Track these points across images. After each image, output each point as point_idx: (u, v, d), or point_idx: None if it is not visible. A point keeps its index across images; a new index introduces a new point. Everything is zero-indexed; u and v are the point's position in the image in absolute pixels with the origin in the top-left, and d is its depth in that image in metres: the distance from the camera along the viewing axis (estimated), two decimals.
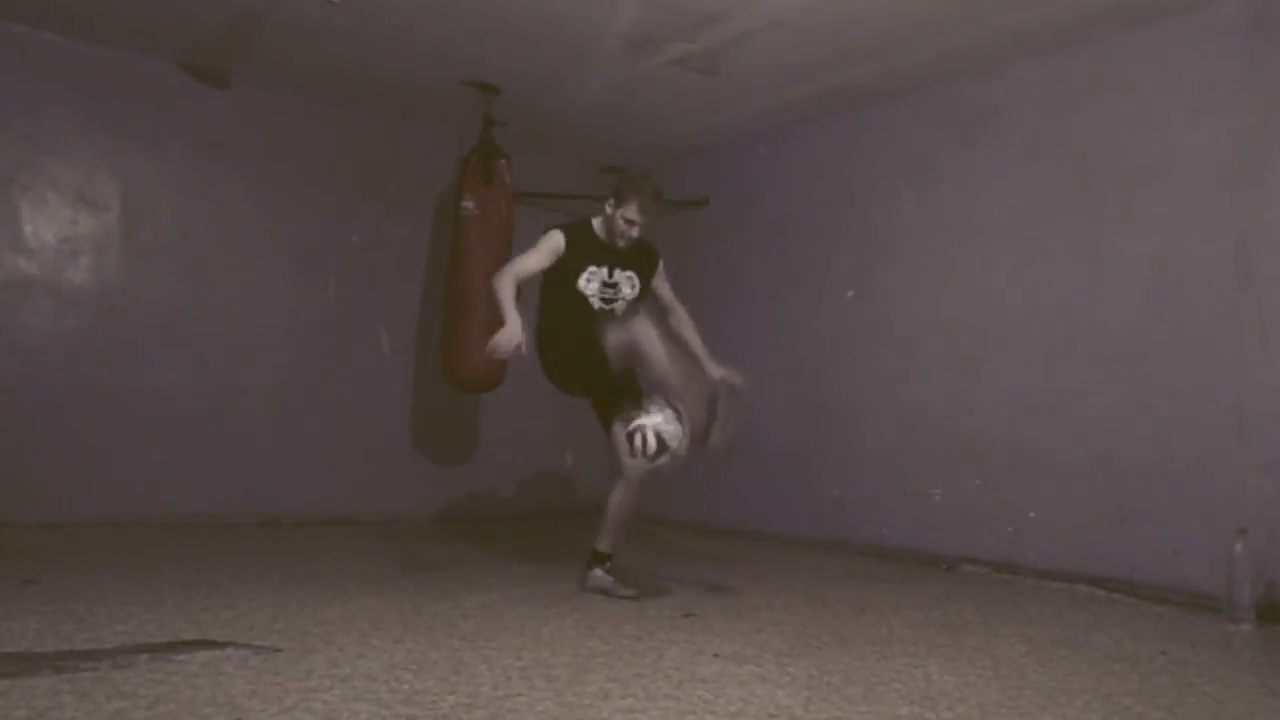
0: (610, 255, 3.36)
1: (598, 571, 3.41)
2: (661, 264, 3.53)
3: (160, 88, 4.76)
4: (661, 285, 3.54)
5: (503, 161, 5.00)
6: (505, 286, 3.18)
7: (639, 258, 3.43)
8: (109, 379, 4.60)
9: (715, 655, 2.47)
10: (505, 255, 4.31)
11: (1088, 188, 4.00)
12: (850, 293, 4.94)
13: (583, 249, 3.33)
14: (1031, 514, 4.06)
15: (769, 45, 4.23)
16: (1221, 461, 3.50)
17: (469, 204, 4.88)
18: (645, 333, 3.07)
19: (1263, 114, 3.51)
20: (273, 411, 5.03)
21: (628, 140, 5.71)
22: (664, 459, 3.05)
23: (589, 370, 3.27)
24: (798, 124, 5.22)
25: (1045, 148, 4.17)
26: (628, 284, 3.40)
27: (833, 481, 4.90)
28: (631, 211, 3.27)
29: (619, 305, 3.38)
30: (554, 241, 3.30)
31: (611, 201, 3.34)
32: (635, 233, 3.31)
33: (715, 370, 3.40)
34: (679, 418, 3.05)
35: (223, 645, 2.34)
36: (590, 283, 3.33)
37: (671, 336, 3.36)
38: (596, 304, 3.35)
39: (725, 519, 5.38)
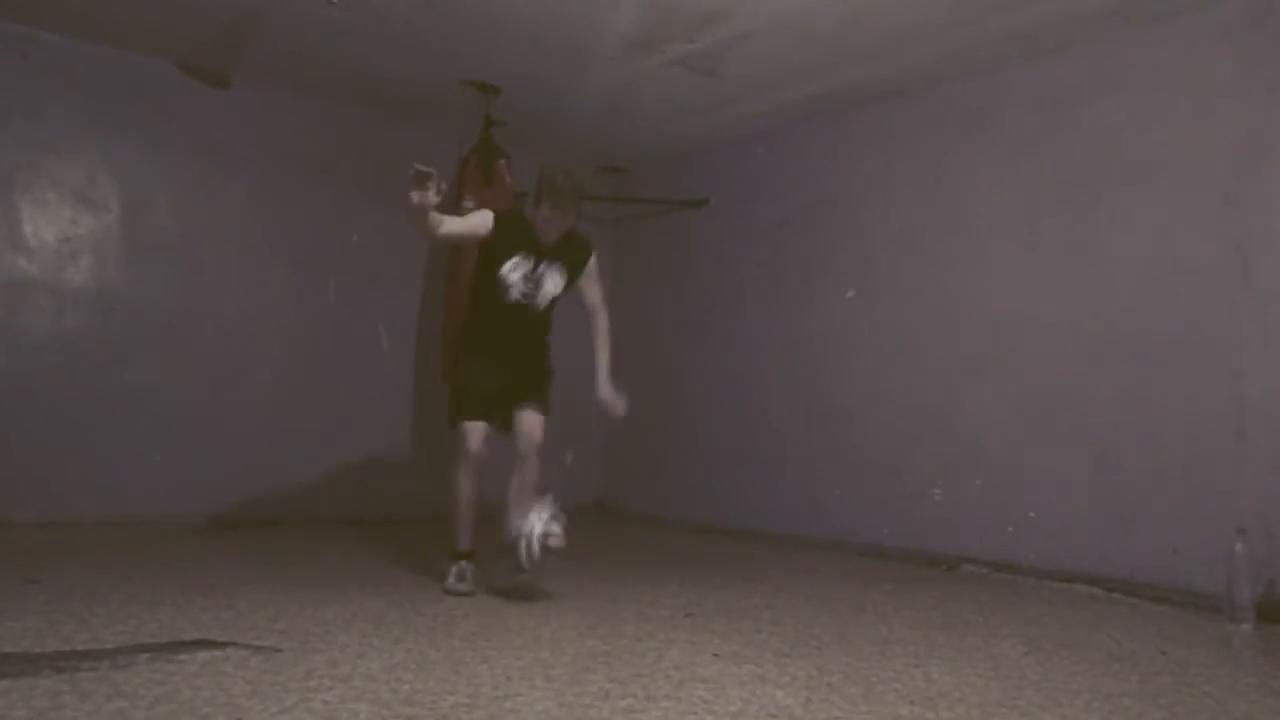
0: (539, 248, 3.34)
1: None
2: (594, 263, 3.48)
3: (160, 88, 4.76)
4: (590, 286, 3.49)
5: (503, 161, 5.00)
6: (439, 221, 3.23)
7: (569, 254, 3.41)
8: (109, 379, 4.60)
9: (715, 655, 2.47)
10: None
11: (1088, 188, 4.00)
12: (850, 293, 4.94)
13: (511, 235, 3.32)
14: (1031, 514, 4.06)
15: (769, 45, 4.23)
16: (1221, 461, 3.50)
17: (469, 204, 4.88)
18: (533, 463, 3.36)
19: (1262, 114, 3.51)
20: (273, 411, 5.03)
21: (628, 140, 5.70)
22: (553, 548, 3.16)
23: (493, 367, 3.38)
24: (798, 124, 5.22)
25: (1045, 148, 4.16)
26: (551, 280, 3.37)
27: (833, 481, 4.90)
28: (545, 211, 3.27)
29: (539, 300, 3.37)
30: (483, 216, 3.33)
31: (533, 200, 3.34)
32: (554, 231, 3.30)
33: (604, 390, 3.45)
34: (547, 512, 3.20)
35: (223, 645, 2.34)
36: (514, 271, 3.32)
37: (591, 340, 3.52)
38: (515, 294, 3.33)
39: (725, 519, 5.38)
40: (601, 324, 3.53)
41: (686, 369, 5.78)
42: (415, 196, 3.02)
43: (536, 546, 3.13)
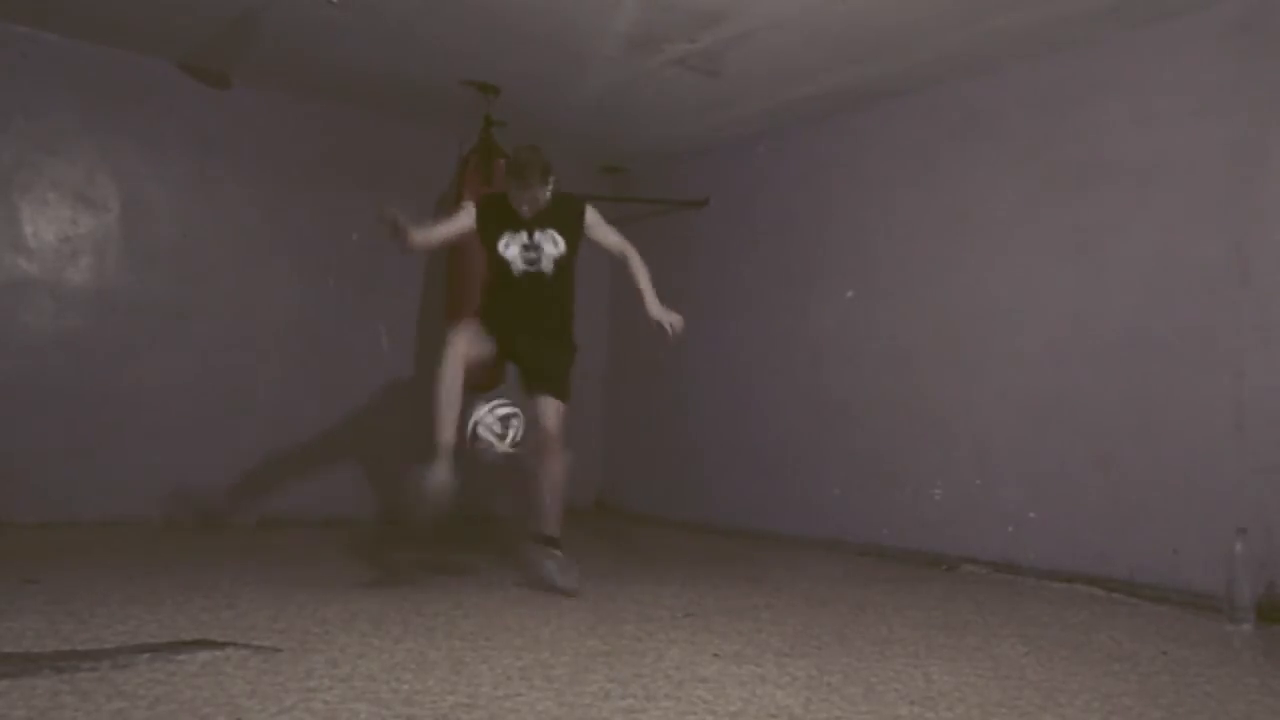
0: (525, 221, 3.40)
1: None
2: (592, 214, 3.50)
3: (160, 88, 4.77)
4: (601, 233, 3.53)
5: (503, 161, 4.99)
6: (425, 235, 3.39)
7: (560, 215, 3.45)
8: (109, 379, 4.60)
9: (715, 655, 2.47)
10: None
11: (1087, 188, 4.00)
12: (850, 293, 4.94)
13: (496, 216, 3.41)
14: (1031, 514, 4.06)
15: (769, 45, 4.23)
16: (1221, 461, 3.50)
17: (469, 204, 4.88)
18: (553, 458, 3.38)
19: (1261, 113, 3.51)
20: (273, 411, 5.03)
21: (628, 140, 5.71)
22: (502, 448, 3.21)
23: (512, 339, 3.44)
24: (798, 124, 5.22)
25: (1045, 148, 4.16)
26: (550, 243, 3.43)
27: (833, 481, 4.90)
28: (511, 189, 3.34)
29: (545, 265, 3.43)
30: (466, 212, 3.47)
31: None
32: (525, 207, 3.34)
33: (654, 310, 3.49)
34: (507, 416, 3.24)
35: (223, 645, 2.34)
36: (510, 247, 3.41)
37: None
38: (520, 266, 3.42)
39: (725, 519, 5.38)
40: (633, 258, 3.53)
41: (686, 369, 5.78)
42: (405, 240, 3.22)
43: (497, 426, 3.17)
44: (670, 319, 3.47)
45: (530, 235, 3.41)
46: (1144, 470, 3.72)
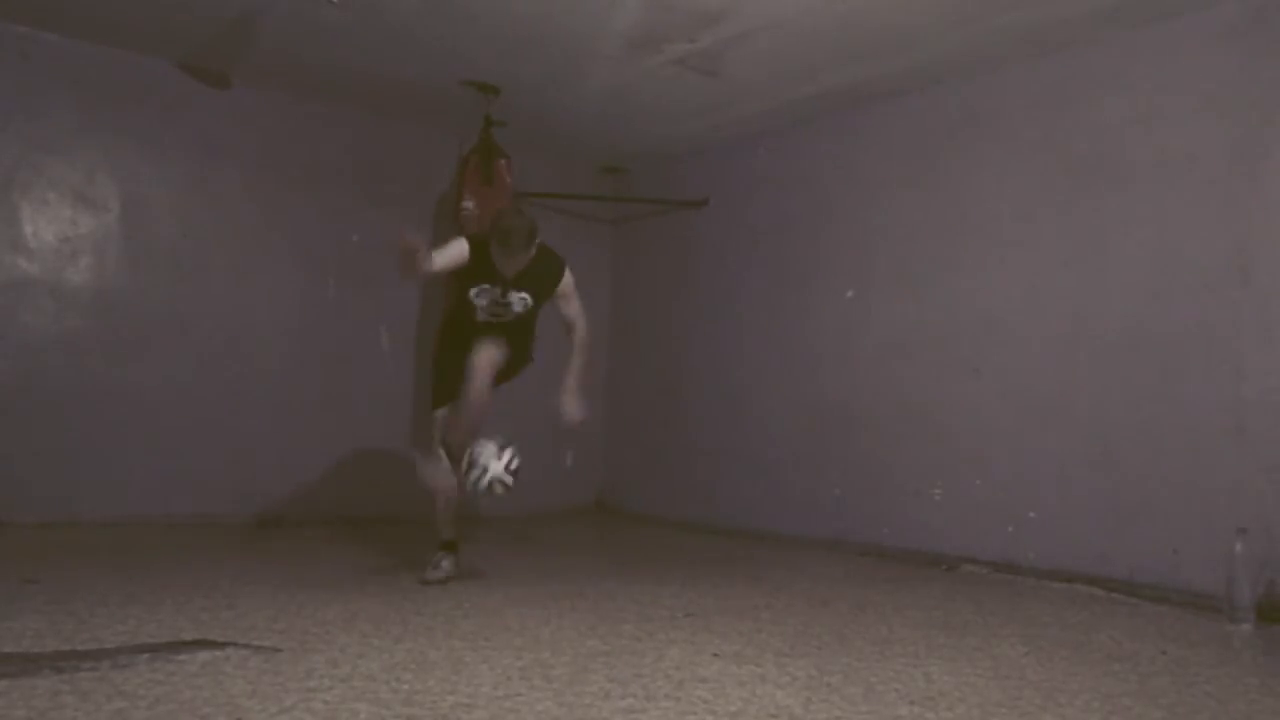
0: (505, 277, 3.40)
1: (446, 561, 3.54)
2: (567, 281, 3.51)
3: (160, 88, 4.77)
4: (567, 303, 3.54)
5: (503, 161, 5.01)
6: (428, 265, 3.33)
7: (539, 276, 3.45)
8: (109, 379, 4.60)
9: (715, 655, 2.47)
10: None
11: (1088, 188, 4.00)
12: (849, 293, 4.94)
13: (479, 262, 3.39)
14: (1031, 514, 4.06)
15: (769, 45, 4.23)
16: (1221, 461, 3.50)
17: (469, 204, 4.89)
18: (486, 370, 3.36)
19: (1262, 113, 3.51)
20: (273, 411, 5.03)
21: (628, 140, 5.71)
22: (487, 486, 3.30)
23: (456, 365, 3.46)
24: (798, 124, 5.22)
25: (1045, 148, 4.16)
26: (519, 303, 3.46)
27: (833, 481, 4.90)
28: (495, 251, 3.32)
29: (507, 318, 3.47)
30: (460, 245, 3.44)
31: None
32: (508, 269, 3.34)
33: (564, 395, 3.52)
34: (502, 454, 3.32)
35: (223, 645, 2.34)
36: (480, 297, 3.43)
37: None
38: (483, 315, 3.46)
39: (725, 519, 5.38)
40: (579, 334, 3.57)
41: (686, 369, 5.78)
42: (421, 265, 3.18)
43: (484, 482, 3.24)
44: (575, 413, 3.50)
45: (504, 294, 3.42)
46: (1144, 470, 3.72)
